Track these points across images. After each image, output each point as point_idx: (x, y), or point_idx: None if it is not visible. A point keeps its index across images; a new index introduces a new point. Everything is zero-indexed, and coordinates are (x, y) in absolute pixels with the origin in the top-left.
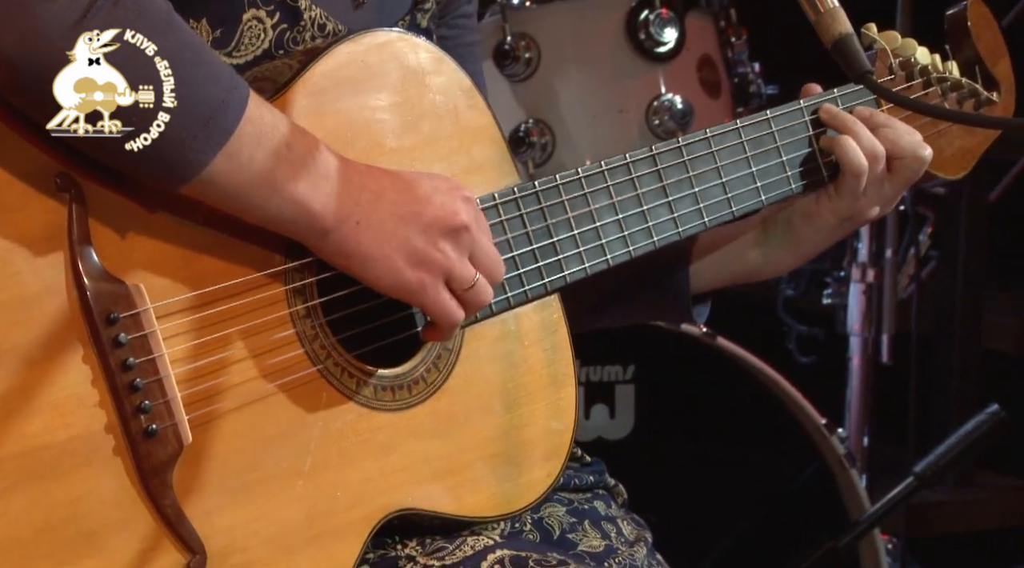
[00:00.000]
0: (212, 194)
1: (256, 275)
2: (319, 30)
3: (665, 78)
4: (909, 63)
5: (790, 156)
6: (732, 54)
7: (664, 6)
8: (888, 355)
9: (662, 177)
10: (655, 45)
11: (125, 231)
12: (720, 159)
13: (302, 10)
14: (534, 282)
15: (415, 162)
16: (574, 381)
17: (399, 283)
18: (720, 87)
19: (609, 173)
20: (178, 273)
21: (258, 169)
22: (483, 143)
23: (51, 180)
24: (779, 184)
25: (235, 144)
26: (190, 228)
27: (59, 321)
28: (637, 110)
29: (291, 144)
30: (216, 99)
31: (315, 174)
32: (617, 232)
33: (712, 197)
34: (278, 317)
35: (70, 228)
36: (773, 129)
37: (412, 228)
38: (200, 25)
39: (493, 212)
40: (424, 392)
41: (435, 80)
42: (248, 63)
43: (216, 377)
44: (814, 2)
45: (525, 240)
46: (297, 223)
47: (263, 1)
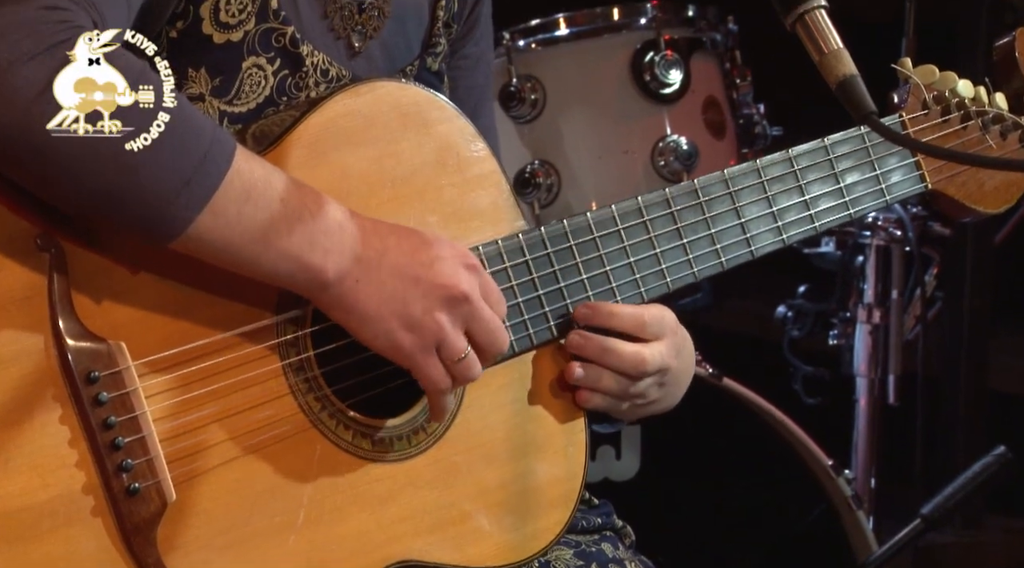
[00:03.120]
0: (202, 250)
1: (246, 328)
2: (322, 75)
3: (670, 119)
4: (944, 97)
5: (812, 195)
6: (737, 95)
7: (669, 48)
8: (895, 396)
9: (676, 219)
10: (660, 86)
11: (107, 290)
12: (739, 200)
13: (304, 56)
14: (540, 327)
15: (414, 210)
16: (584, 426)
17: (392, 345)
18: (725, 128)
19: (620, 217)
20: (163, 329)
21: (248, 225)
22: (487, 188)
23: (31, 241)
24: (801, 222)
25: (221, 200)
26: (176, 283)
27: (38, 381)
28: (642, 151)
29: (285, 198)
30: (199, 154)
31: (313, 229)
32: (628, 275)
33: (729, 238)
34: (270, 370)
35: (50, 287)
36: (795, 168)
37: (412, 292)
38: (199, 74)
39: (497, 259)
40: (425, 442)
41: (436, 128)
42: (251, 111)
43: (202, 433)
44: (818, 43)
45: (530, 286)
46: (294, 277)
47: (263, 48)
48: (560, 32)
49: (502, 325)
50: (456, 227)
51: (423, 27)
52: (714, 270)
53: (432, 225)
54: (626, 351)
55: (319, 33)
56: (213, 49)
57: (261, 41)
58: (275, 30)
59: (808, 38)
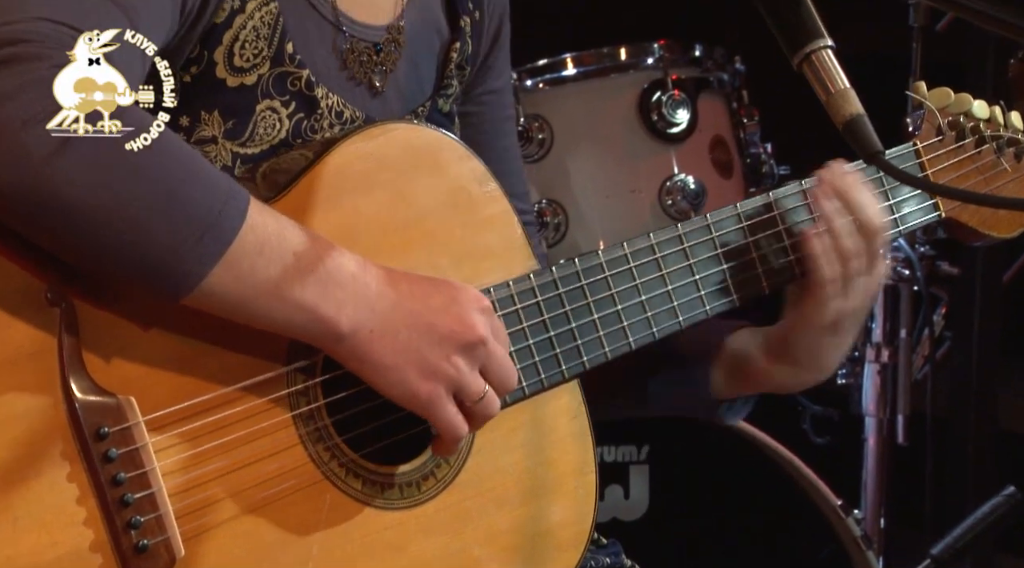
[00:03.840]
0: (215, 305)
1: (257, 379)
2: (337, 117)
3: (678, 158)
4: (959, 122)
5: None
6: (744, 135)
7: (676, 88)
8: (904, 436)
9: (688, 256)
10: (668, 126)
11: (117, 344)
12: (752, 233)
13: (319, 99)
14: (551, 370)
15: (426, 252)
16: (594, 468)
17: (409, 393)
18: (732, 167)
19: (632, 255)
20: (172, 382)
21: (261, 278)
22: (498, 229)
23: (41, 296)
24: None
25: (235, 254)
26: (185, 336)
27: (47, 438)
28: (650, 190)
29: (299, 251)
30: (213, 210)
31: (327, 281)
32: (640, 313)
33: (742, 272)
34: (280, 421)
35: (60, 343)
36: (808, 201)
37: (427, 340)
38: (212, 117)
39: (508, 300)
40: (434, 488)
41: (448, 169)
42: (264, 152)
43: (212, 487)
44: (825, 83)
45: (542, 328)
46: (308, 329)
47: (278, 91)
48: (567, 72)
49: (512, 363)
50: (468, 268)
51: (435, 69)
52: (726, 307)
53: (444, 267)
54: (873, 204)
55: (335, 76)
56: (227, 92)
57: (276, 84)
58: (290, 74)
59: (815, 78)
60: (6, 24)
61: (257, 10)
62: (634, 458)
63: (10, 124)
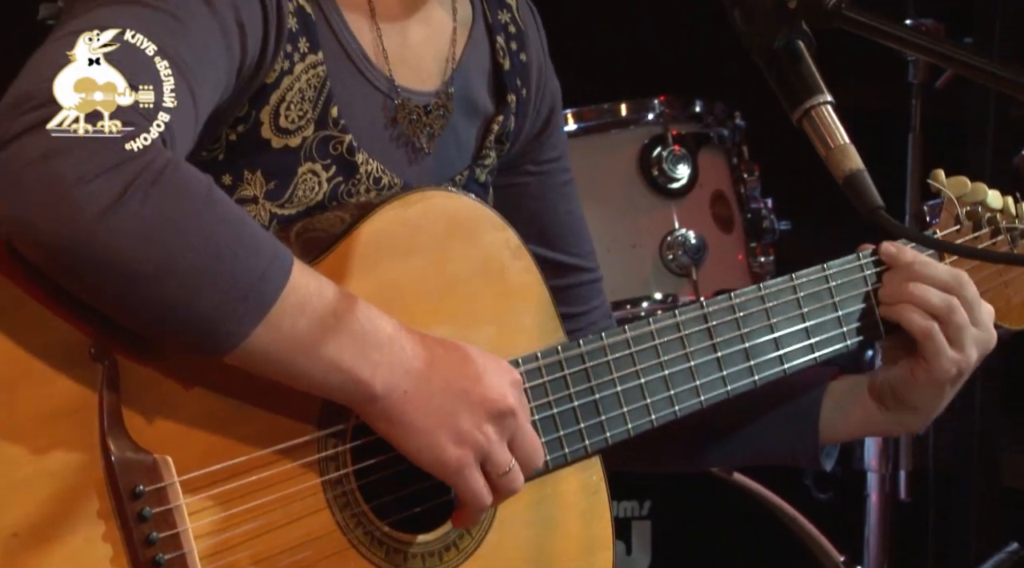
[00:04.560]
0: (255, 363)
1: (289, 443)
2: (374, 183)
3: (678, 213)
4: (976, 212)
5: (845, 312)
6: (745, 190)
7: (677, 143)
8: (906, 492)
9: (712, 334)
10: (668, 181)
11: (156, 402)
12: (773, 315)
13: (359, 164)
14: (575, 445)
15: (457, 320)
16: (611, 544)
17: (438, 459)
18: (733, 222)
19: (658, 332)
20: (208, 442)
21: (301, 338)
22: (528, 301)
23: (85, 351)
24: (833, 340)
25: (277, 315)
26: (223, 395)
27: (84, 495)
28: (651, 245)
29: (338, 312)
30: (257, 271)
31: (363, 342)
32: (663, 391)
33: (763, 354)
34: (309, 486)
35: (101, 402)
36: (830, 284)
37: (460, 405)
38: (255, 177)
39: (536, 373)
40: (455, 559)
41: (483, 238)
42: (300, 213)
43: (240, 551)
44: (825, 138)
45: (567, 401)
46: (343, 390)
47: (320, 155)
48: (568, 127)
49: (538, 440)
50: (498, 338)
51: (475, 139)
52: (747, 387)
53: (474, 335)
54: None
55: (377, 140)
56: (271, 153)
57: (319, 148)
58: (333, 137)
59: (815, 133)
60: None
61: (305, 72)
62: (636, 513)
63: (63, 180)
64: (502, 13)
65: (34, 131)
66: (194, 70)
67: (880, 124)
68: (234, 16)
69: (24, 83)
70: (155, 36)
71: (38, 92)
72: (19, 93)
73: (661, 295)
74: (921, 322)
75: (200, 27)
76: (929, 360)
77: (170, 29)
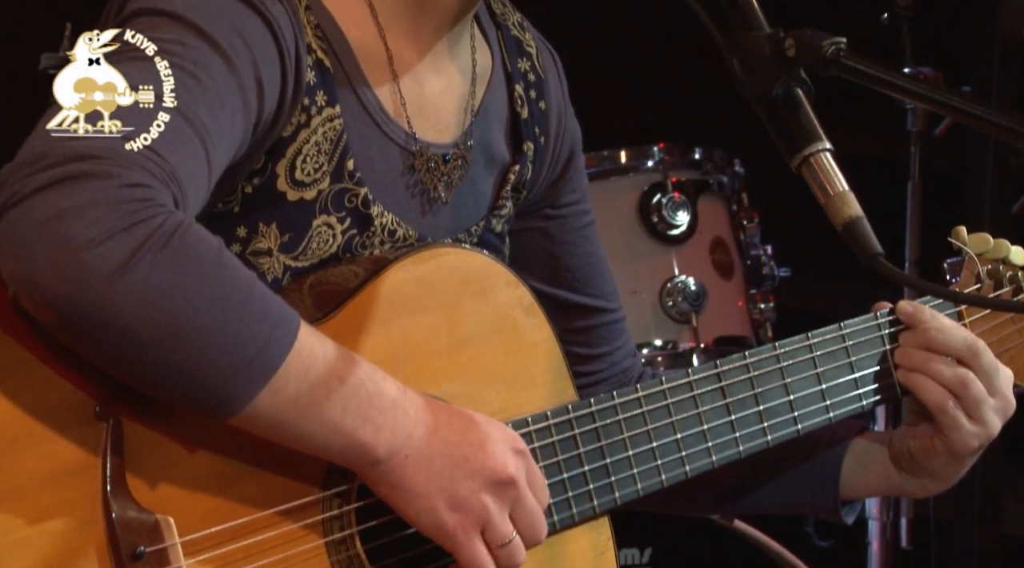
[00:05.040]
0: (257, 426)
1: (292, 504)
2: (388, 235)
3: (678, 260)
4: (997, 270)
5: (862, 373)
6: (744, 236)
7: (676, 190)
8: (907, 540)
9: (725, 394)
10: (668, 228)
11: (160, 462)
12: (788, 375)
13: (374, 217)
14: (583, 505)
15: (467, 378)
16: None
17: (436, 524)
18: (733, 269)
19: (670, 391)
20: (211, 503)
21: (305, 402)
22: (539, 359)
23: (89, 411)
24: (850, 401)
25: (281, 379)
26: (227, 456)
27: (85, 556)
28: (651, 291)
29: (342, 375)
30: (263, 337)
31: (367, 406)
32: (675, 452)
33: (777, 415)
34: (312, 547)
35: (104, 462)
36: (846, 343)
37: (460, 472)
38: (270, 229)
39: (545, 432)
40: None
41: (495, 296)
42: (313, 265)
43: None
44: (824, 185)
45: (576, 462)
46: (345, 453)
47: (335, 208)
48: None
49: (543, 515)
50: (509, 396)
51: (492, 188)
52: (760, 448)
53: (485, 394)
54: (956, 332)
55: (393, 191)
56: (286, 205)
57: (334, 200)
58: (348, 190)
59: (814, 181)
60: (78, 138)
61: (322, 125)
62: (637, 561)
63: (73, 242)
64: (521, 61)
65: (46, 191)
66: (209, 129)
67: (879, 172)
68: (253, 73)
69: (37, 141)
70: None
71: (51, 152)
72: (34, 151)
73: (661, 341)
74: (936, 396)
75: (218, 85)
76: (947, 433)
77: (188, 87)
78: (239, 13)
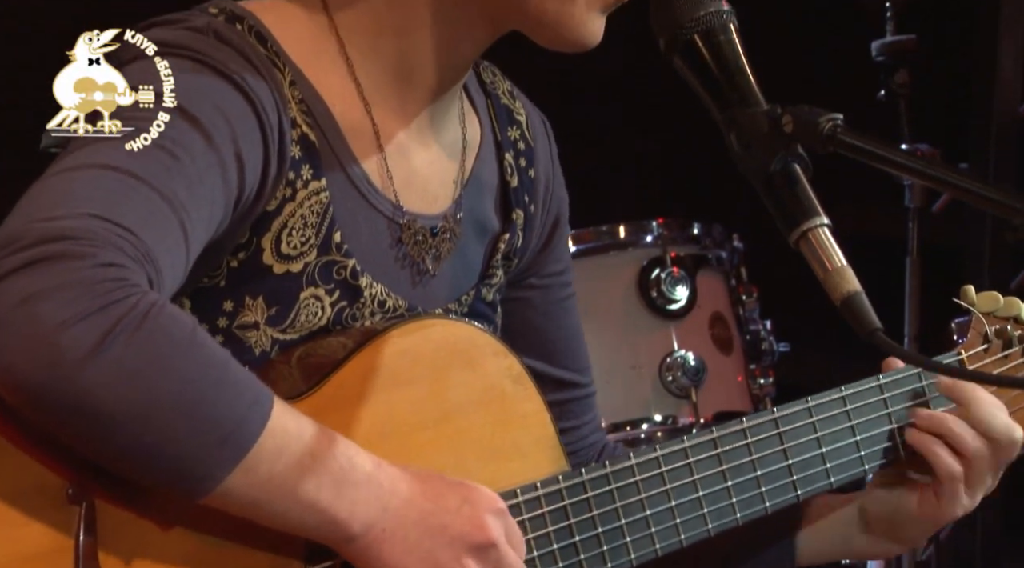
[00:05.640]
0: (231, 506)
1: None
2: (379, 306)
3: (677, 335)
4: (1005, 330)
5: (864, 436)
6: (744, 311)
7: (675, 265)
8: None
9: (722, 461)
10: (667, 302)
11: (133, 544)
12: (786, 440)
13: (363, 288)
14: None
15: (455, 450)
16: None
17: None
18: (732, 344)
19: (664, 458)
20: None
21: (279, 481)
22: (530, 429)
23: (62, 493)
24: (851, 465)
25: (254, 459)
26: (203, 535)
27: None
28: (650, 366)
29: (316, 452)
30: (236, 417)
31: (341, 482)
32: (669, 520)
33: (776, 480)
34: None
35: (76, 543)
36: (847, 407)
37: (438, 541)
38: (256, 303)
39: (535, 503)
40: None
41: (483, 366)
42: (303, 338)
43: None
44: (822, 261)
45: (567, 533)
46: (320, 530)
47: (323, 280)
48: None
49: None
50: (496, 467)
51: (482, 257)
52: (758, 514)
53: (472, 466)
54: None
55: (381, 262)
56: (272, 279)
57: (321, 273)
58: (336, 262)
59: (812, 256)
60: (52, 219)
61: (307, 199)
62: None
63: (45, 324)
64: (511, 129)
65: (19, 273)
66: (188, 207)
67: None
68: (233, 149)
69: (13, 223)
70: (151, 174)
71: (25, 233)
72: (8, 233)
73: (661, 417)
74: (951, 465)
75: (197, 163)
76: (941, 500)
77: (166, 166)
78: (220, 90)
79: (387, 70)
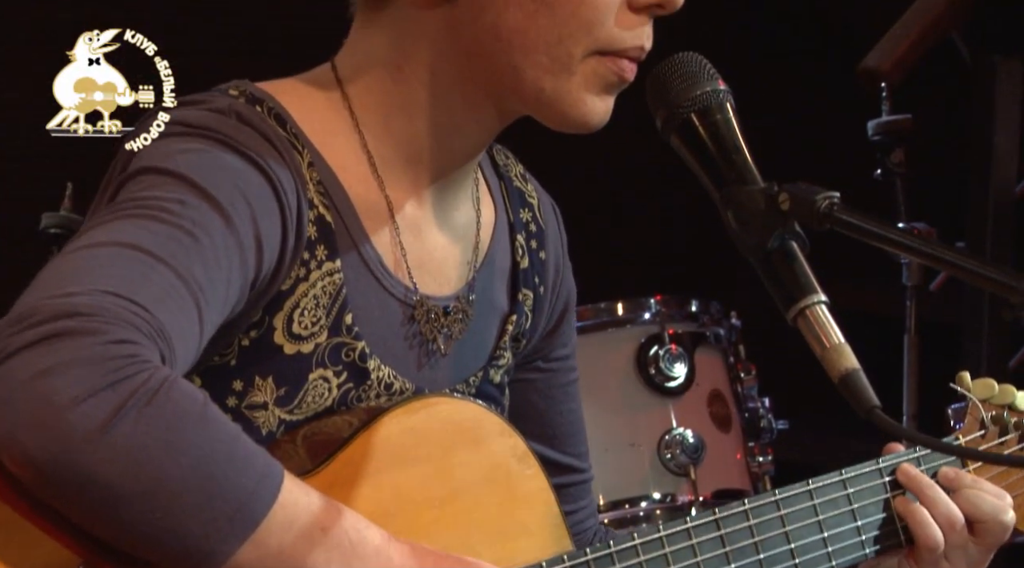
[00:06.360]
0: None
1: None
2: (385, 389)
3: (676, 412)
4: (1002, 417)
5: (865, 520)
6: (742, 389)
7: (673, 342)
8: None
9: (724, 542)
10: (665, 380)
11: None
12: (789, 523)
13: (371, 370)
14: None
15: (460, 529)
16: None
17: None
18: (731, 421)
19: (668, 539)
20: None
21: (288, 554)
22: (534, 507)
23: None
24: (852, 549)
25: (263, 533)
26: None
27: None
28: (649, 444)
29: (325, 525)
30: (246, 491)
31: (350, 555)
32: None
33: (778, 563)
34: None
35: None
36: (848, 490)
37: None
38: (266, 383)
39: None
40: None
41: (487, 445)
42: (308, 418)
43: None
44: (820, 338)
45: None
46: None
47: (332, 361)
48: None
49: None
50: (502, 547)
51: (491, 339)
52: None
53: (478, 545)
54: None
55: (391, 343)
56: (283, 359)
57: (331, 354)
58: (346, 344)
59: (810, 333)
60: (67, 295)
61: (321, 279)
62: None
63: (56, 400)
64: (524, 211)
65: (31, 349)
66: (204, 288)
67: (875, 325)
68: (252, 231)
69: (29, 298)
70: (169, 253)
71: (39, 309)
72: (23, 308)
73: (659, 494)
74: (933, 534)
75: (215, 244)
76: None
77: (184, 246)
78: (241, 171)
79: (398, 148)
